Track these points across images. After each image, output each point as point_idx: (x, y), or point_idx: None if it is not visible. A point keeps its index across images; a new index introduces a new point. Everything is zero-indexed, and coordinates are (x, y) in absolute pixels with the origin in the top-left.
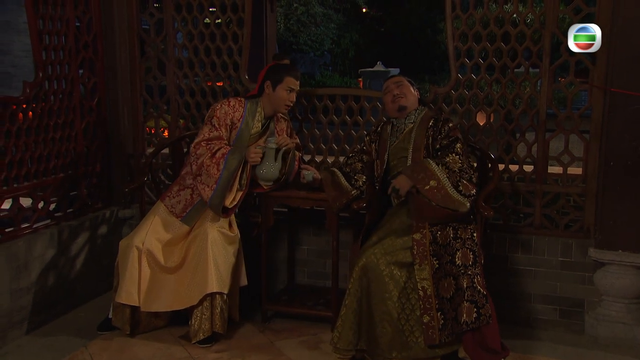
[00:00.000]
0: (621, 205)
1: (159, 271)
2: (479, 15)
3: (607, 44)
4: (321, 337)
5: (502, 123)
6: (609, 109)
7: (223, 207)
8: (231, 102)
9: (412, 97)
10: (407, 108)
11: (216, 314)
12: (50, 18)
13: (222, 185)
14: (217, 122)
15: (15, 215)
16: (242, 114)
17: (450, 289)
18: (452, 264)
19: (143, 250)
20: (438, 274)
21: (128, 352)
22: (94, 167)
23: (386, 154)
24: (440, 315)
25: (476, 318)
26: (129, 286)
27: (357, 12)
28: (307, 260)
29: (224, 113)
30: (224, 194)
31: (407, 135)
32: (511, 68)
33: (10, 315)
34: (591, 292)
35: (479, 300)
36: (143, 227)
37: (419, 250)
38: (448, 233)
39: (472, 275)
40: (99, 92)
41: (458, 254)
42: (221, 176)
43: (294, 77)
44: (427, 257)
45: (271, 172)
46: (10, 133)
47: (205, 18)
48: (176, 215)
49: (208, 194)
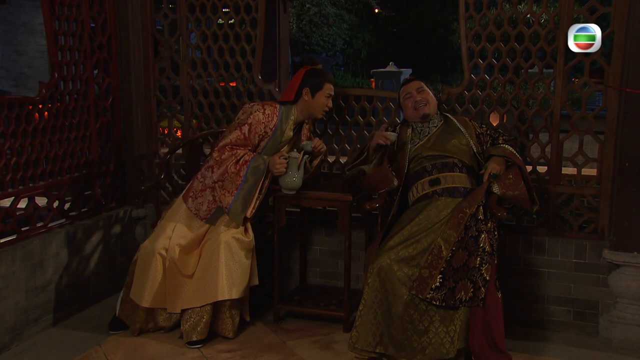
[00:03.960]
0: (636, 207)
1: (180, 276)
2: (493, 15)
3: (623, 44)
4: (333, 337)
5: (516, 124)
6: (624, 110)
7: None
8: (266, 110)
9: (433, 102)
10: (429, 115)
11: (226, 319)
12: (66, 19)
13: (242, 194)
14: (248, 130)
15: (30, 214)
16: (276, 123)
17: (460, 261)
18: (475, 241)
19: (167, 257)
20: (460, 243)
21: (141, 351)
22: (108, 167)
23: (407, 157)
24: (439, 277)
25: (471, 298)
26: (149, 290)
27: (370, 13)
28: (320, 260)
29: (257, 121)
30: (246, 203)
31: (431, 138)
32: (525, 68)
33: (26, 312)
34: (605, 294)
35: (478, 281)
36: (165, 231)
37: (459, 216)
38: (484, 215)
39: (483, 261)
40: (113, 92)
41: (483, 237)
42: (242, 184)
43: (332, 83)
44: (461, 225)
45: (295, 181)
46: (26, 133)
47: (219, 19)
48: (201, 218)
49: (228, 200)
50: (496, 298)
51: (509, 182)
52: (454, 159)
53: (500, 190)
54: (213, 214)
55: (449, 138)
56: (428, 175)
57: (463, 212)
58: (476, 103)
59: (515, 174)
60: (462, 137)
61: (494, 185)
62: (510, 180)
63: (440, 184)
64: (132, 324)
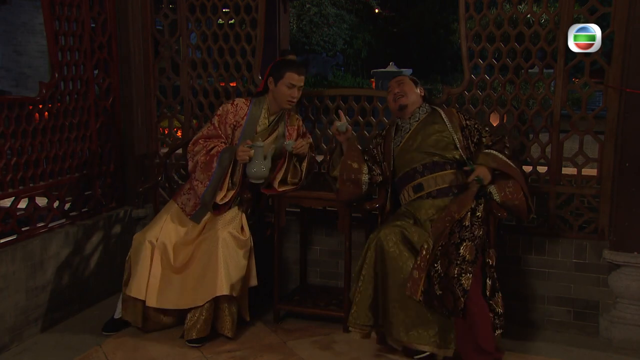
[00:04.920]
0: (636, 207)
1: (169, 269)
2: (493, 15)
3: (623, 44)
4: (333, 337)
5: (516, 124)
6: (624, 110)
7: (214, 203)
8: (235, 101)
9: (414, 96)
10: (407, 107)
11: (225, 317)
12: (66, 19)
13: (214, 183)
14: (218, 121)
15: (31, 214)
16: (247, 112)
17: (443, 269)
18: (456, 249)
19: (157, 245)
20: (443, 249)
21: (141, 351)
22: (108, 167)
23: (391, 155)
24: (426, 280)
25: (453, 308)
26: (140, 280)
27: (370, 13)
28: (320, 261)
29: (225, 112)
30: (215, 191)
31: (413, 134)
32: (525, 69)
33: (26, 312)
34: (606, 294)
35: (456, 292)
36: (157, 223)
37: (445, 221)
38: (468, 220)
39: (463, 271)
40: (113, 92)
41: (464, 245)
42: (214, 175)
43: (296, 73)
44: (446, 231)
45: (261, 170)
46: (27, 133)
47: (219, 19)
48: (187, 214)
49: (201, 190)
50: (480, 306)
51: (508, 190)
52: (439, 157)
53: (501, 199)
54: (198, 211)
55: (429, 133)
56: (419, 177)
57: (451, 216)
58: (476, 103)
59: (515, 183)
60: (444, 128)
61: (494, 193)
62: (510, 189)
63: (424, 189)
64: (136, 323)
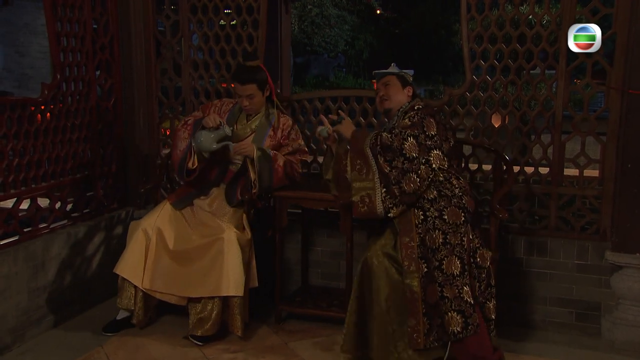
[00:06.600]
0: (638, 208)
1: (165, 253)
2: (495, 16)
3: (625, 45)
4: (335, 338)
5: (518, 125)
6: (626, 111)
7: (186, 169)
8: (224, 99)
9: (398, 97)
10: (391, 110)
11: (235, 317)
12: (68, 20)
13: (189, 149)
14: (202, 108)
15: (33, 215)
16: (230, 108)
17: (434, 296)
18: (439, 271)
19: (153, 230)
20: (426, 278)
21: (143, 351)
22: (110, 168)
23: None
24: (426, 320)
25: (463, 328)
26: (130, 262)
27: (372, 14)
28: (321, 262)
29: (212, 104)
30: (185, 156)
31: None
32: (527, 70)
33: (28, 313)
34: (608, 296)
35: (466, 310)
36: (154, 212)
37: (407, 253)
38: (437, 237)
39: (460, 285)
40: (115, 93)
41: (446, 261)
42: (190, 139)
43: (239, 82)
44: (415, 259)
45: (206, 145)
46: (29, 134)
47: (221, 20)
48: (170, 200)
49: (179, 156)
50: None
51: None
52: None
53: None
54: (182, 198)
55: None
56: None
57: (408, 246)
58: (478, 104)
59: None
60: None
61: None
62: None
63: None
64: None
